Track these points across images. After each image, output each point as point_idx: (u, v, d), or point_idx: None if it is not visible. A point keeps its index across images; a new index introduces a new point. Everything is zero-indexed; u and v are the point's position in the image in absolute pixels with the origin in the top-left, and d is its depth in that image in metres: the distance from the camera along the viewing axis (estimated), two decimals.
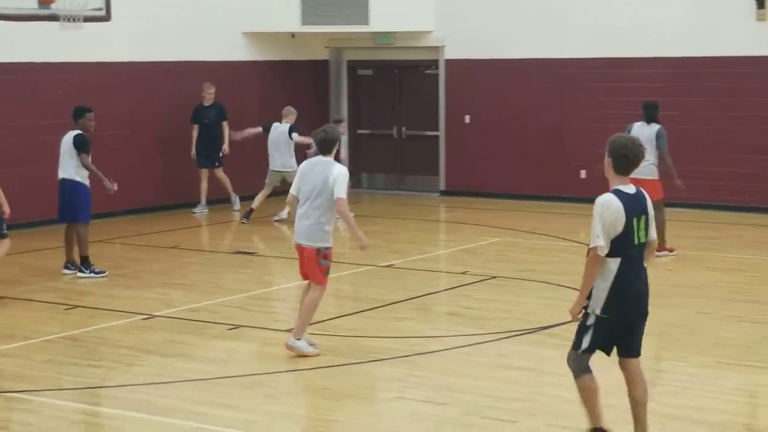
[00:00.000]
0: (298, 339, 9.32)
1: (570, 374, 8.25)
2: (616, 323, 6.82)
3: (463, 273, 12.92)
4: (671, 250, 13.69)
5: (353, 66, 21.12)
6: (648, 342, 9.72)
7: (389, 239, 15.27)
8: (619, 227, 6.66)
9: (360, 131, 20.92)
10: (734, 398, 8.23)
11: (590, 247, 6.76)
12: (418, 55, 20.21)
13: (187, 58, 18.46)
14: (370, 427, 7.68)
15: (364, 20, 18.87)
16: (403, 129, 20.46)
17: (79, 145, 12.50)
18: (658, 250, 12.51)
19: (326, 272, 9.38)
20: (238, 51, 19.33)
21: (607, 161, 6.77)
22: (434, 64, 20.02)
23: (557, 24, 18.69)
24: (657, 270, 12.83)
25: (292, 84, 20.23)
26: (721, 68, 17.50)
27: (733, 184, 17.35)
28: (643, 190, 6.98)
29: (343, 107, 20.95)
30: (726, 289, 11.94)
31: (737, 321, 10.49)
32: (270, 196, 16.96)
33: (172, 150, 18.09)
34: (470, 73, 19.56)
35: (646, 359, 9.21)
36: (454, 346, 9.76)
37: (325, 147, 9.39)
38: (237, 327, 10.43)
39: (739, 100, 17.39)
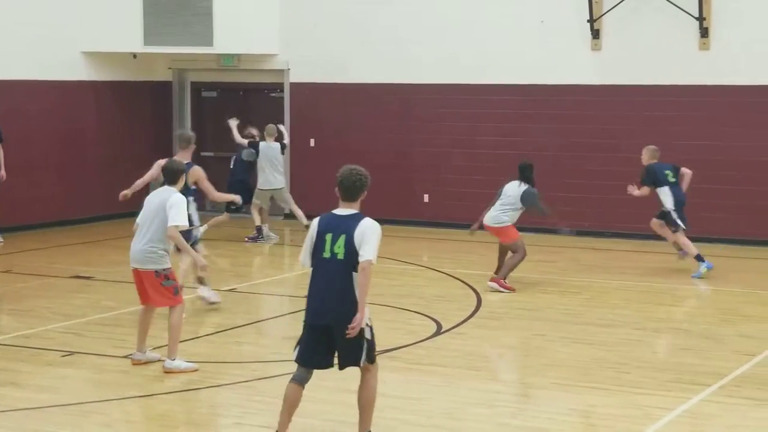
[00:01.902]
0: (173, 359, 9.41)
1: (411, 397, 8.33)
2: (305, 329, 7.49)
3: (305, 296, 12.85)
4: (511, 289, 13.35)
5: (197, 88, 20.92)
6: (485, 363, 9.94)
7: (233, 263, 15.13)
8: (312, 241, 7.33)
9: (204, 153, 20.69)
10: (569, 418, 8.41)
11: None
12: (263, 78, 20.15)
13: (23, 77, 17.96)
14: None
15: (209, 42, 18.72)
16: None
17: None
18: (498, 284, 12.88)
19: (175, 292, 9.53)
20: (77, 70, 18.91)
21: None
22: (279, 87, 19.99)
23: (404, 49, 18.91)
24: (495, 294, 13.12)
25: (133, 105, 19.92)
26: (561, 96, 18.00)
27: (571, 208, 17.81)
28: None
29: (186, 129, 20.69)
30: (561, 312, 12.23)
31: (571, 342, 10.75)
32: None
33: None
34: (315, 96, 19.61)
35: (482, 379, 9.39)
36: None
37: (170, 177, 9.64)
38: (71, 353, 10.15)
39: (578, 127, 17.90)
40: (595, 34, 17.71)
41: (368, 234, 7.27)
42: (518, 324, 11.66)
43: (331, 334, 7.28)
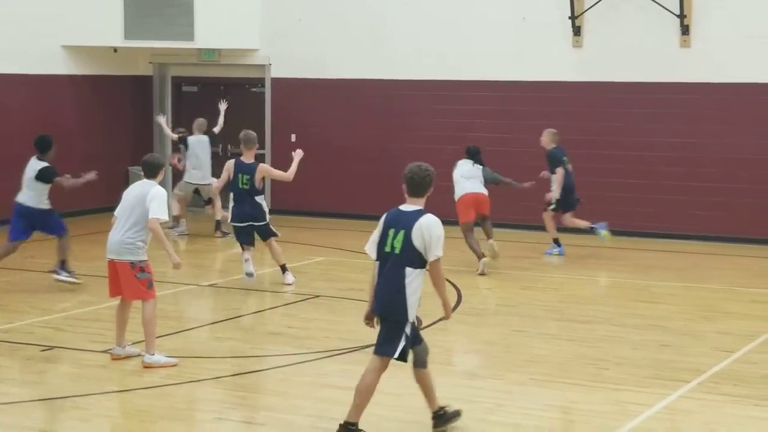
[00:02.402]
0: (152, 354, 9.39)
1: (392, 393, 8.35)
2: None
3: (286, 292, 12.87)
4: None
5: (178, 82, 20.86)
6: (464, 359, 9.96)
7: (213, 258, 15.10)
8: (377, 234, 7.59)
9: None
10: (547, 414, 8.43)
11: None
12: (244, 73, 20.11)
13: (1, 71, 17.86)
14: None
15: (190, 36, 18.67)
16: (229, 147, 20.27)
17: None
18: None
19: (149, 286, 9.49)
20: (57, 64, 18.81)
21: None
22: (260, 82, 19.96)
23: (385, 45, 18.91)
24: (474, 289, 13.14)
25: (113, 99, 19.84)
26: (541, 92, 18.03)
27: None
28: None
29: (167, 124, 20.63)
30: (540, 308, 12.26)
31: (551, 339, 10.77)
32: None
33: None
34: (297, 92, 19.59)
35: (461, 375, 9.40)
36: (276, 366, 9.70)
37: (150, 171, 9.60)
38: (50, 348, 10.11)
39: (559, 124, 17.90)
40: (577, 31, 17.74)
41: (427, 232, 7.46)
42: (498, 320, 11.68)
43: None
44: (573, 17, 17.59)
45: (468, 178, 14.58)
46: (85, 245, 16.26)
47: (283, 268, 13.41)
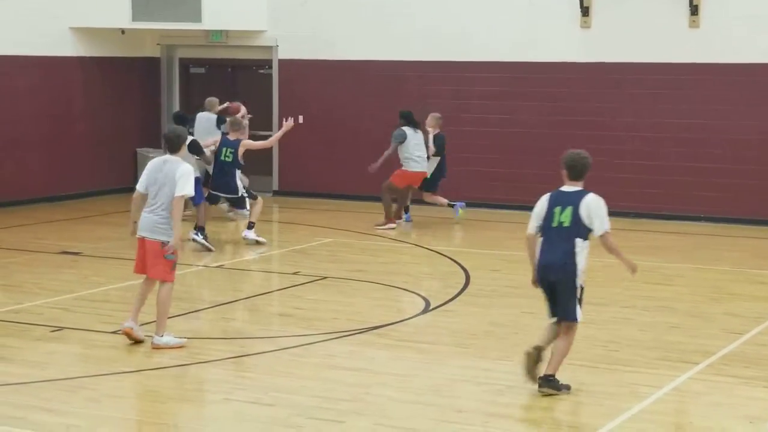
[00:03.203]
0: (162, 336, 9.40)
1: (399, 374, 8.37)
2: (540, 285, 8.60)
3: (294, 273, 12.88)
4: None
5: (185, 64, 20.83)
6: (474, 341, 9.96)
7: (221, 239, 15.10)
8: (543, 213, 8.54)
9: (192, 130, 20.60)
10: (559, 396, 8.42)
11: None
12: (251, 54, 20.07)
13: (10, 53, 17.86)
14: (194, 430, 7.56)
15: (197, 18, 18.63)
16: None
17: None
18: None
19: (172, 267, 9.54)
20: (65, 46, 18.80)
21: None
22: (268, 63, 19.93)
23: (394, 26, 18.85)
24: (483, 271, 13.14)
25: (121, 81, 19.83)
26: (549, 73, 17.97)
27: (559, 186, 17.80)
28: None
29: (175, 106, 20.63)
30: None
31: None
32: None
33: None
34: (304, 73, 19.55)
35: (471, 357, 9.40)
36: (284, 347, 9.71)
37: (172, 146, 9.61)
38: (60, 329, 10.13)
39: (567, 105, 17.89)
40: (585, 11, 17.67)
41: (594, 208, 8.48)
42: (507, 302, 11.67)
43: (554, 289, 8.41)
44: None
45: (420, 152, 16.09)
46: (91, 225, 16.30)
47: (250, 225, 14.48)
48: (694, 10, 17.04)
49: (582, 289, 8.42)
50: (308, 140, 19.40)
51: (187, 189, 9.36)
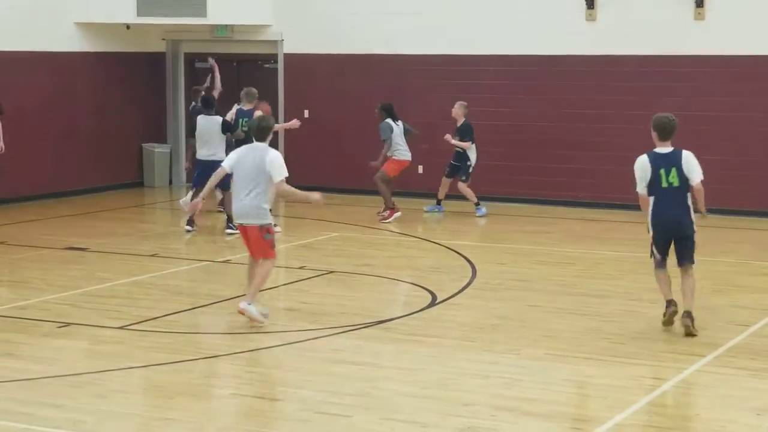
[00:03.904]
0: (250, 304, 9.91)
1: (406, 368, 8.38)
2: (658, 239, 9.91)
3: (301, 268, 12.90)
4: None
5: (190, 59, 20.83)
6: (480, 334, 9.96)
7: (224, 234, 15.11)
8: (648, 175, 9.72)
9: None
10: (563, 389, 8.44)
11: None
12: (256, 49, 20.07)
13: (16, 48, 17.88)
14: (201, 425, 7.58)
15: (202, 12, 18.62)
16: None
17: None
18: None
19: (272, 246, 10.14)
20: (70, 42, 18.81)
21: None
22: (273, 58, 19.92)
23: (399, 20, 18.82)
24: (489, 264, 13.14)
25: (127, 76, 19.84)
26: (554, 66, 17.96)
27: (565, 179, 17.82)
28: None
29: (180, 100, 20.65)
30: (555, 283, 12.25)
31: (566, 313, 10.77)
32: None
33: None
34: (309, 67, 19.54)
35: (478, 351, 9.40)
36: (291, 342, 9.72)
37: (260, 134, 10.11)
38: (67, 325, 10.15)
39: (573, 98, 17.87)
40: (590, 3, 17.65)
41: (692, 163, 9.74)
42: (513, 295, 11.68)
43: (677, 241, 9.83)
44: None
45: (402, 141, 16.50)
46: (98, 221, 16.33)
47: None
48: (700, 2, 17.01)
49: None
50: (314, 134, 19.40)
51: (283, 172, 9.87)
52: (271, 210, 10.38)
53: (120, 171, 19.69)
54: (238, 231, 14.18)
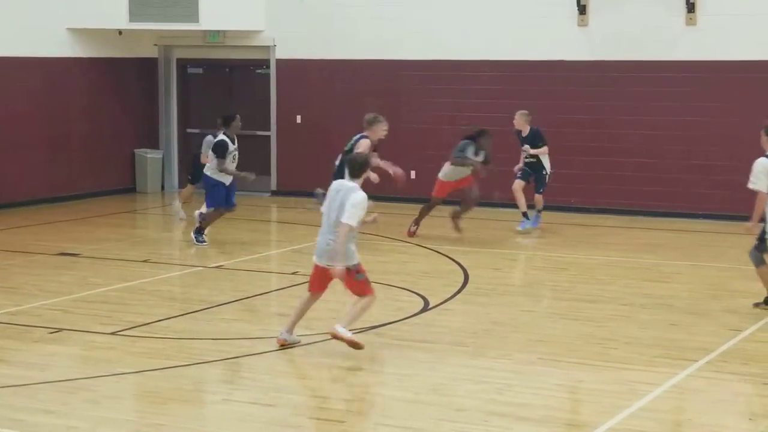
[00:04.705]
0: (344, 327, 9.25)
1: (399, 373, 8.37)
2: None
3: (293, 273, 12.88)
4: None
5: (183, 64, 20.83)
6: (472, 339, 9.96)
7: (219, 240, 15.09)
8: None
9: (190, 130, 20.66)
10: (555, 394, 8.44)
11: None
12: (249, 54, 20.07)
13: (8, 54, 17.85)
14: (194, 431, 7.56)
15: (194, 18, 18.64)
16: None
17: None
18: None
19: (367, 283, 9.43)
20: (63, 47, 18.80)
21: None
22: (265, 63, 19.93)
23: (390, 25, 18.84)
24: (482, 269, 13.14)
25: (119, 82, 19.83)
26: (547, 72, 17.98)
27: (559, 185, 17.82)
28: None
29: (172, 106, 20.64)
30: (548, 288, 12.25)
31: (559, 318, 10.78)
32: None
33: None
34: (302, 73, 19.55)
35: (470, 356, 9.39)
36: (283, 347, 9.70)
37: (355, 170, 9.35)
38: (59, 330, 10.13)
39: (565, 103, 17.89)
40: (582, 9, 17.68)
41: None
42: (505, 300, 11.68)
43: None
44: None
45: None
46: (90, 227, 16.30)
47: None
48: (691, 7, 17.05)
49: None
50: (306, 140, 19.41)
51: (351, 218, 9.06)
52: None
53: (112, 176, 19.67)
54: (205, 243, 14.31)
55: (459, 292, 11.95)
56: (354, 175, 9.34)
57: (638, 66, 17.49)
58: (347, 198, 9.15)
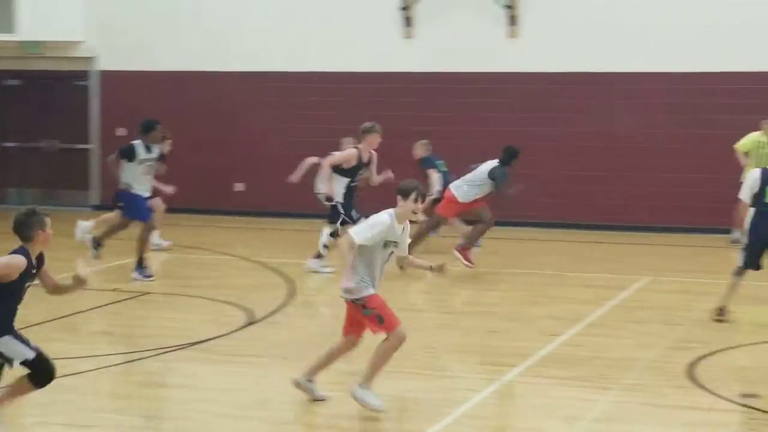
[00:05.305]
0: (363, 388, 8.07)
1: (223, 389, 8.24)
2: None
3: (114, 290, 12.57)
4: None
5: (0, 76, 20.14)
6: (299, 352, 9.86)
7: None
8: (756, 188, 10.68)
9: (7, 144, 19.99)
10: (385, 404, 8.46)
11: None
12: (70, 66, 19.57)
13: None
14: None
15: (10, 28, 18.05)
16: (55, 142, 19.73)
17: None
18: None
19: (379, 321, 8.03)
20: None
21: None
22: (86, 75, 19.45)
23: (213, 37, 18.67)
24: (308, 282, 13.07)
25: None
26: (376, 83, 18.10)
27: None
28: None
29: None
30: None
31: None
32: None
33: None
34: (124, 84, 19.16)
35: (297, 369, 9.33)
36: (105, 366, 9.45)
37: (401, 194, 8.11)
38: None
39: (393, 114, 17.97)
40: (407, 21, 17.90)
41: None
42: (332, 312, 11.63)
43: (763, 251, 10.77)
44: (404, 8, 17.74)
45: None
46: None
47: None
48: (513, 20, 17.46)
49: None
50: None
51: (358, 236, 7.93)
52: None
53: None
54: (151, 278, 13.26)
55: (285, 304, 11.88)
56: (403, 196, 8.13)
57: (463, 77, 17.80)
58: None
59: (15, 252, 7.39)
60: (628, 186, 17.46)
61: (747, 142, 15.84)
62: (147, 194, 13.74)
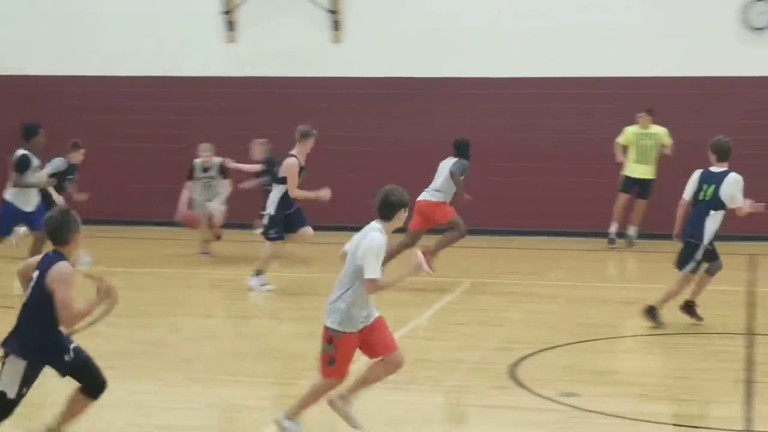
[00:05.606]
0: (289, 419, 7.36)
1: (44, 404, 7.92)
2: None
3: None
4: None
5: None
6: (119, 362, 9.59)
7: None
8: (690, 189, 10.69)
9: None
10: (204, 413, 8.30)
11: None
12: None
13: None
14: None
15: None
16: None
17: None
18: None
19: (329, 362, 7.16)
20: None
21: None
22: None
23: (85, 39, 18.10)
24: (129, 291, 12.69)
25: None
26: (197, 88, 17.86)
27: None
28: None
29: None
30: (200, 306, 12.10)
31: (208, 337, 10.66)
32: None
33: None
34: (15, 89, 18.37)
35: (112, 379, 9.04)
36: None
37: (384, 211, 7.21)
38: None
39: (213, 119, 17.81)
40: (230, 26, 17.72)
41: (734, 185, 10.47)
42: (155, 321, 11.43)
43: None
44: (226, 12, 17.56)
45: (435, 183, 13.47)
46: None
47: None
48: (337, 25, 17.50)
49: (708, 247, 10.56)
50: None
51: (372, 272, 6.95)
52: None
53: None
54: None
55: (106, 314, 11.50)
56: (386, 217, 7.24)
57: (287, 82, 17.72)
58: (362, 240, 7.15)
59: (53, 259, 6.80)
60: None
61: (627, 135, 16.39)
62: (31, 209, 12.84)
